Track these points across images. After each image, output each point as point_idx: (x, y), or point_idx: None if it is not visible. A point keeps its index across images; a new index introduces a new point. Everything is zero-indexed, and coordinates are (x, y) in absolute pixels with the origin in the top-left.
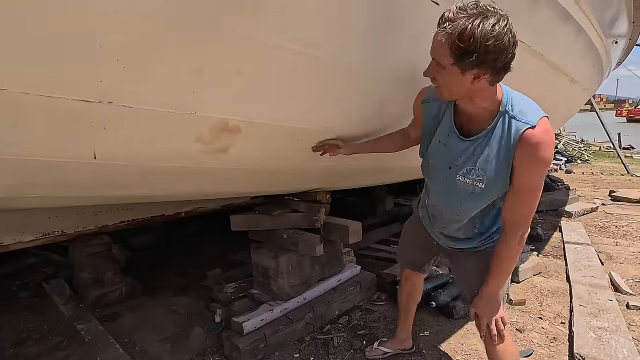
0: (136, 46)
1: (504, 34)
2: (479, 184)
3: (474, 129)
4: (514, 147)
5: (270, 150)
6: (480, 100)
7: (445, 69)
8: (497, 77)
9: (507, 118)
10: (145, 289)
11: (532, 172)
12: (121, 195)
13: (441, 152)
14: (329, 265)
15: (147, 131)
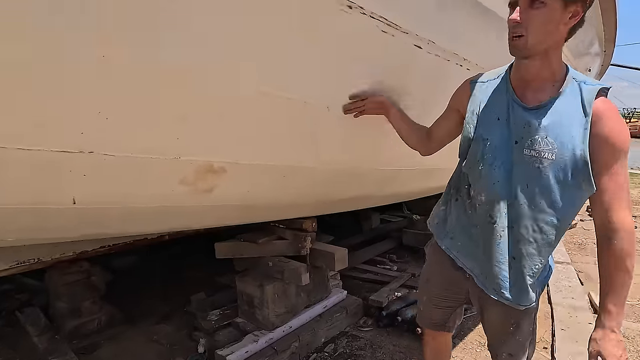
0: (119, 99)
1: None
2: (548, 154)
3: (536, 98)
4: (589, 112)
5: (256, 188)
6: (554, 59)
7: (544, 5)
8: (578, 26)
9: (576, 83)
10: (126, 317)
11: (610, 147)
12: (104, 234)
13: (501, 128)
14: (315, 292)
15: (129, 176)
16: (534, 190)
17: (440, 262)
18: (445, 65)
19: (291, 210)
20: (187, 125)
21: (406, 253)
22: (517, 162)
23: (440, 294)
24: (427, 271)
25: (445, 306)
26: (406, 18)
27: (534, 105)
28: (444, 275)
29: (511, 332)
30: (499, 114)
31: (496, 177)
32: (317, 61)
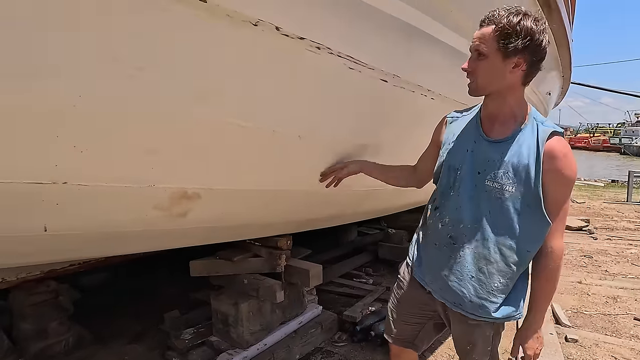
0: (94, 133)
1: (544, 31)
2: (508, 187)
3: (500, 133)
4: (542, 150)
5: (230, 211)
6: (512, 99)
7: (487, 57)
8: (530, 72)
9: (535, 123)
10: (96, 337)
11: (559, 184)
12: (75, 258)
13: (469, 159)
14: (290, 308)
15: (102, 204)
16: (495, 217)
17: (409, 279)
18: (411, 96)
19: (266, 230)
20: (161, 156)
21: (382, 266)
22: (480, 190)
23: (409, 310)
24: (397, 288)
25: (413, 322)
26: (371, 56)
27: (498, 138)
28: (413, 292)
29: (468, 350)
30: (467, 145)
31: (461, 203)
32: (287, 96)
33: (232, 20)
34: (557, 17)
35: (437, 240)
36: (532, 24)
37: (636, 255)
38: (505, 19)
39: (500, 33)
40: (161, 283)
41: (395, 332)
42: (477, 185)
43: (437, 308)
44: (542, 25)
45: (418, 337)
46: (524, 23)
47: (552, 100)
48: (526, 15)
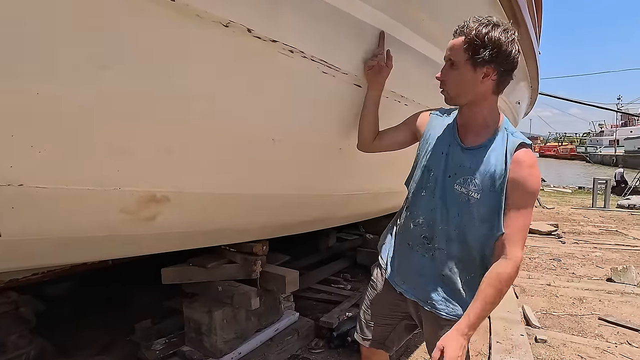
0: (53, 133)
1: (514, 41)
2: (474, 194)
3: (473, 141)
4: (509, 160)
5: (202, 215)
6: (484, 108)
7: (458, 68)
8: (501, 82)
9: (506, 133)
10: (59, 350)
11: (521, 192)
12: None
13: (442, 162)
14: (266, 315)
15: (64, 208)
16: (463, 220)
17: (381, 281)
18: (385, 102)
19: (241, 235)
20: (127, 158)
21: (360, 272)
22: (450, 194)
23: (381, 312)
24: (370, 289)
25: (385, 324)
26: (346, 60)
27: (470, 145)
28: (384, 293)
29: None
30: (443, 148)
31: (434, 204)
32: (259, 98)
33: (202, 21)
34: (523, 30)
35: (410, 240)
36: (501, 35)
37: (600, 258)
38: (474, 30)
39: (469, 44)
40: (132, 292)
41: (366, 333)
42: (447, 189)
43: (409, 309)
44: (511, 35)
45: (389, 338)
46: (492, 34)
47: (521, 110)
48: (495, 26)
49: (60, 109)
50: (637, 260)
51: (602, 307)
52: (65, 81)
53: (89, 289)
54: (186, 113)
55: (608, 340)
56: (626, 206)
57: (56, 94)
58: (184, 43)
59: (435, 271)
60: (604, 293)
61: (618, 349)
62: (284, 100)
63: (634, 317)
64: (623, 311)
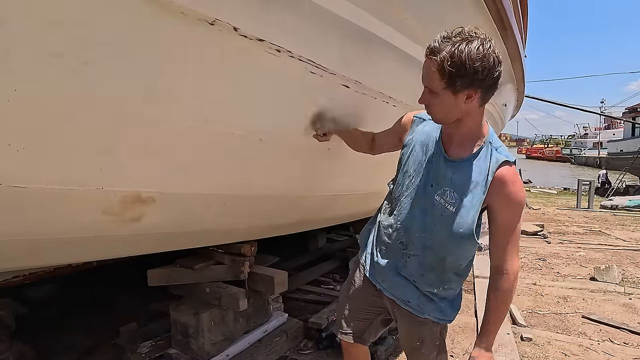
0: (33, 131)
1: (489, 55)
2: (450, 207)
3: (457, 153)
4: (490, 178)
5: (189, 216)
6: (469, 121)
7: (438, 94)
8: (486, 96)
9: (490, 148)
10: (40, 354)
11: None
12: (14, 267)
13: (425, 170)
14: (254, 316)
15: (44, 208)
16: (439, 230)
17: (360, 277)
18: (372, 103)
19: (228, 236)
20: (112, 157)
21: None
22: (429, 203)
23: (359, 306)
24: (348, 285)
25: (363, 318)
26: (333, 61)
27: (454, 158)
28: (363, 289)
29: (417, 346)
30: (427, 156)
31: (413, 212)
32: (246, 98)
33: (186, 18)
34: (510, 34)
35: (387, 243)
36: (476, 53)
37: (584, 257)
38: (447, 57)
39: (444, 73)
40: (117, 294)
41: (344, 327)
42: (427, 198)
43: (386, 305)
44: (486, 50)
45: (366, 332)
46: (465, 56)
47: (508, 112)
48: (470, 42)
49: (40, 106)
50: (619, 259)
51: (586, 305)
52: (45, 77)
53: (72, 291)
54: (170, 112)
55: (591, 337)
56: (609, 207)
57: (35, 90)
58: (167, 41)
59: (410, 276)
60: (588, 292)
61: (601, 346)
62: (271, 100)
63: (616, 315)
64: (605, 309)
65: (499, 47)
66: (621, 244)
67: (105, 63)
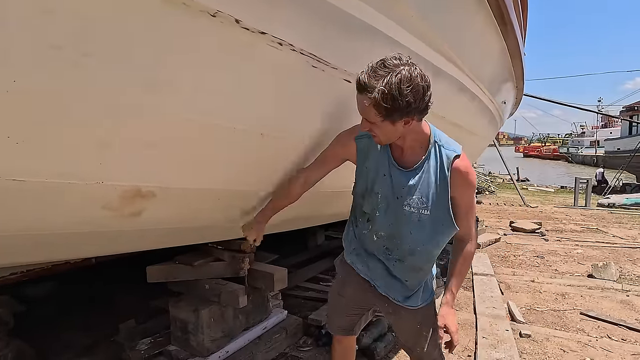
0: (32, 123)
1: (417, 83)
2: (424, 211)
3: (410, 161)
4: (448, 174)
5: (188, 211)
6: (413, 135)
7: (377, 125)
8: (423, 115)
9: (437, 147)
10: (39, 353)
11: (467, 192)
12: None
13: (387, 183)
14: (254, 313)
15: (43, 202)
16: (416, 235)
17: (349, 274)
18: None
19: (228, 232)
20: (112, 151)
21: None
22: (400, 214)
23: (349, 303)
24: (338, 284)
25: (353, 314)
26: (336, 55)
27: (408, 167)
28: (353, 286)
29: (418, 329)
30: (384, 171)
31: (389, 221)
32: (247, 92)
33: (188, 9)
34: (510, 30)
35: (374, 250)
36: (406, 84)
37: (582, 255)
38: (380, 93)
39: (380, 108)
40: (116, 291)
41: (337, 323)
42: (399, 209)
43: (378, 302)
44: (415, 78)
45: (357, 325)
46: (396, 90)
47: (507, 110)
48: (397, 74)
49: (39, 98)
50: (617, 257)
51: (584, 302)
52: (44, 69)
53: (71, 288)
54: (171, 105)
55: (589, 334)
56: (606, 205)
57: (35, 82)
58: (169, 32)
59: (398, 277)
60: (585, 289)
61: (599, 343)
62: (272, 94)
63: (613, 312)
64: (603, 306)
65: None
66: (618, 241)
67: (105, 55)
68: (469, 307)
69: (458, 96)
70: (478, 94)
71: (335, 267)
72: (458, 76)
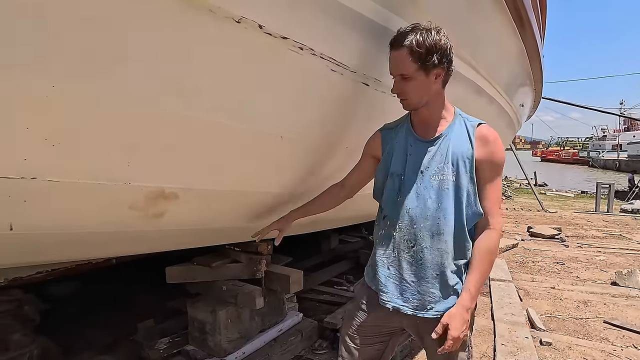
0: (67, 126)
1: (445, 38)
2: (451, 177)
3: (433, 132)
4: (473, 138)
5: (208, 212)
6: (437, 104)
7: (411, 78)
8: (447, 76)
9: (461, 118)
10: (63, 349)
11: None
12: (43, 260)
13: (410, 162)
14: (270, 315)
15: (74, 202)
16: (445, 209)
17: (370, 301)
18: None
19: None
20: (138, 153)
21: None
22: (427, 188)
23: (372, 331)
24: (357, 311)
25: (377, 342)
26: (354, 59)
27: (432, 138)
28: (375, 313)
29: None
30: (406, 150)
31: (410, 204)
32: (268, 95)
33: (214, 16)
34: (529, 31)
35: (395, 248)
36: (436, 37)
37: (605, 261)
38: (414, 41)
39: (415, 54)
40: (135, 292)
41: (356, 356)
42: (422, 184)
43: (405, 323)
44: (444, 35)
45: (383, 356)
46: (430, 39)
47: (524, 113)
48: (429, 31)
49: (75, 102)
50: None
51: (607, 310)
52: (80, 74)
53: (92, 288)
54: (196, 109)
55: (614, 343)
56: (629, 210)
57: (71, 87)
58: (195, 38)
59: (428, 273)
60: (609, 296)
61: (624, 352)
62: (293, 98)
63: (639, 321)
64: (628, 315)
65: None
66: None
67: (135, 61)
68: (486, 313)
69: (475, 99)
70: (495, 97)
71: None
72: (475, 79)
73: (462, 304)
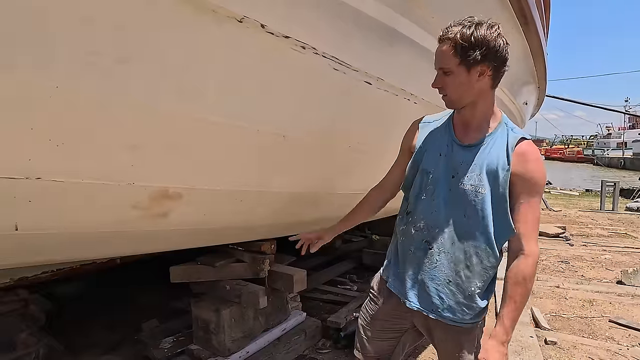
0: (71, 126)
1: (498, 35)
2: (482, 189)
3: (474, 137)
4: (511, 153)
5: (213, 212)
6: (483, 105)
7: (452, 73)
8: (497, 76)
9: (506, 128)
10: (69, 348)
11: (529, 183)
12: (48, 260)
13: (442, 163)
14: (273, 315)
15: (78, 202)
16: (470, 220)
17: (384, 294)
18: (394, 100)
19: (249, 234)
20: (142, 153)
21: (366, 273)
22: (455, 194)
23: (384, 325)
24: (371, 303)
25: (389, 337)
26: (356, 57)
27: (470, 143)
28: (387, 306)
29: (457, 357)
30: (441, 150)
31: (436, 207)
32: (271, 94)
33: (216, 16)
34: (532, 29)
35: (412, 245)
36: (486, 32)
37: (610, 260)
38: (459, 34)
39: (457, 48)
40: (139, 291)
41: (368, 349)
42: (451, 189)
43: (415, 320)
44: (495, 30)
45: (395, 352)
46: (477, 33)
47: (528, 111)
48: (479, 25)
49: (78, 103)
50: None
51: (613, 309)
52: (83, 75)
53: (97, 289)
54: (198, 108)
55: (619, 342)
56: (635, 209)
57: (75, 88)
58: (198, 38)
59: (442, 277)
60: (614, 295)
61: (630, 352)
62: (295, 97)
63: None
64: (634, 314)
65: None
66: None
67: (138, 61)
68: (490, 311)
69: None
70: (499, 94)
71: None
72: None
73: (496, 338)
